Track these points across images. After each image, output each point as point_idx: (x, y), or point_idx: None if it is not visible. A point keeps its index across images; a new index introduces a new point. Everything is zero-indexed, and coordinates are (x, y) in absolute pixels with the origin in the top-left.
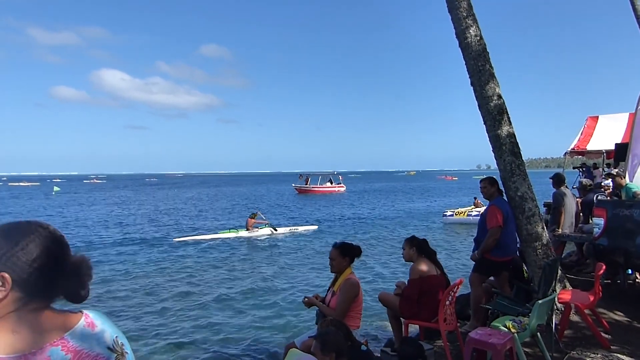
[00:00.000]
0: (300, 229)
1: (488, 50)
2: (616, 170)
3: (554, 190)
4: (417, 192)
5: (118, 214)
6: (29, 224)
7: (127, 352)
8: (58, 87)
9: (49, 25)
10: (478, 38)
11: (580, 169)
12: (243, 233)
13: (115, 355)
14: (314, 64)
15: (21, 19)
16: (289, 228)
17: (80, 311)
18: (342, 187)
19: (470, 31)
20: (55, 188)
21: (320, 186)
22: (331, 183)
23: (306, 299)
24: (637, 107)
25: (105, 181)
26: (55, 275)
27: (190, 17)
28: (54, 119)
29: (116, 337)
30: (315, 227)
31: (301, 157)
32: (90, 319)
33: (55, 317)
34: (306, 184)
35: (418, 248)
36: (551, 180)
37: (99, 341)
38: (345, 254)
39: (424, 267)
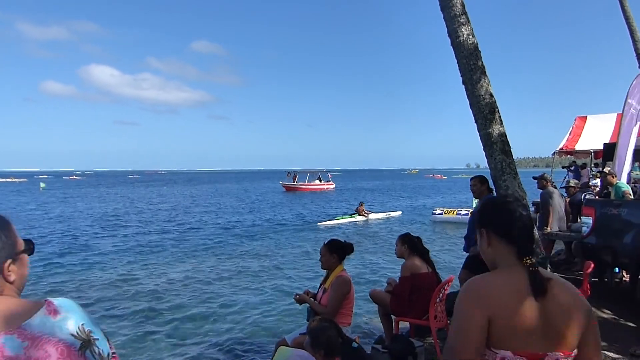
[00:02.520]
0: (392, 214)
1: (480, 49)
2: (608, 169)
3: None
4: (408, 190)
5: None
6: None
7: (96, 338)
8: (47, 82)
9: (38, 20)
10: (470, 37)
11: (569, 169)
12: (359, 217)
13: (81, 342)
14: (307, 61)
15: (9, 13)
16: (385, 213)
17: (45, 299)
18: (331, 184)
19: (462, 30)
20: (42, 184)
21: (308, 184)
22: (320, 181)
23: (297, 296)
24: (624, 108)
25: (85, 178)
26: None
27: (182, 12)
28: (43, 113)
29: (82, 324)
30: (400, 212)
31: (292, 155)
32: (54, 307)
33: (15, 305)
34: (294, 182)
35: (410, 245)
36: (535, 181)
37: (61, 328)
38: (333, 250)
39: (415, 264)
